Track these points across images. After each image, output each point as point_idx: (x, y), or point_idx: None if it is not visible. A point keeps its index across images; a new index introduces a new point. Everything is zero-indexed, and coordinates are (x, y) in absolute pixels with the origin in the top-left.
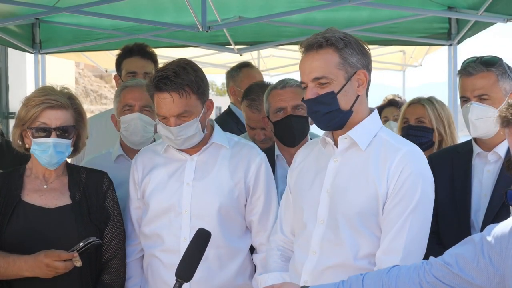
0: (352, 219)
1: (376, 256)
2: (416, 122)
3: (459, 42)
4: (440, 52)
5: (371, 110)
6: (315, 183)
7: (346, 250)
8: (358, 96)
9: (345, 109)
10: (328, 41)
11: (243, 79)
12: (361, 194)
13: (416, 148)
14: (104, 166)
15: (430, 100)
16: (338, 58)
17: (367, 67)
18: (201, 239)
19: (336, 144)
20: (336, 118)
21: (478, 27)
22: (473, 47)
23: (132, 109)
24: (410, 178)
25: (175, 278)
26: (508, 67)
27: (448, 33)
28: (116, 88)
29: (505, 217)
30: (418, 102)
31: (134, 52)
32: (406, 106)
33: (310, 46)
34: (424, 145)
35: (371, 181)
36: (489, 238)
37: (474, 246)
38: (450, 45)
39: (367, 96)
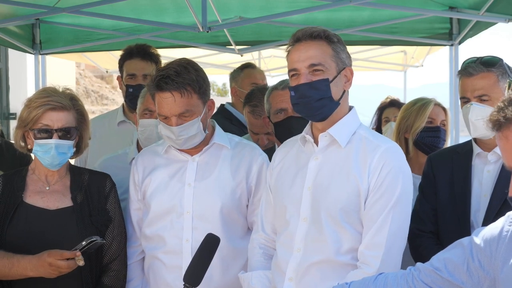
0: (335, 215)
1: (359, 251)
2: (441, 125)
3: (460, 42)
4: (442, 52)
5: (350, 107)
6: (297, 181)
7: (329, 246)
8: (344, 91)
9: (335, 99)
10: (325, 32)
11: (244, 79)
12: (343, 191)
13: (394, 145)
14: (119, 167)
15: None
16: (332, 50)
17: (351, 67)
18: (210, 244)
19: (315, 141)
20: (326, 107)
21: (480, 27)
22: (475, 47)
23: (152, 114)
24: (390, 174)
25: (183, 283)
26: (509, 67)
27: (450, 33)
28: (119, 89)
29: None
30: (439, 105)
31: (134, 54)
32: (432, 106)
33: (307, 35)
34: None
35: (352, 177)
36: (478, 241)
37: (463, 249)
38: (452, 45)
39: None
